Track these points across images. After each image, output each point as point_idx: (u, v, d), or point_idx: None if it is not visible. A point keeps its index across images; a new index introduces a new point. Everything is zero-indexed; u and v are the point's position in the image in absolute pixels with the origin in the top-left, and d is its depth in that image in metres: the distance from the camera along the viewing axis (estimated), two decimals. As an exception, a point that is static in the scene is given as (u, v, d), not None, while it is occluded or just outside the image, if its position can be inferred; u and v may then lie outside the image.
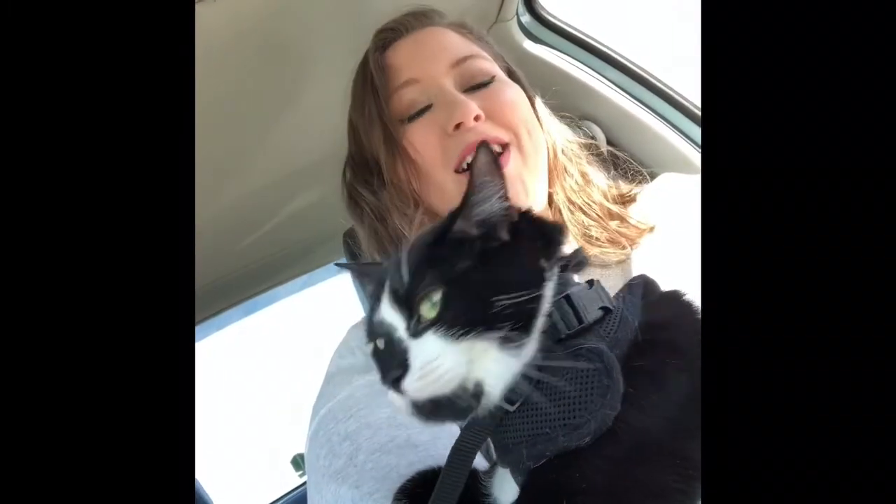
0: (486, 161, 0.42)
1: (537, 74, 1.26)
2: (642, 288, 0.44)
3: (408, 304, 0.40)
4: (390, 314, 0.42)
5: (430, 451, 0.49)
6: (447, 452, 0.49)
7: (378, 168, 0.70)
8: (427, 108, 0.68)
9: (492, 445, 0.43)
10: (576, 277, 0.44)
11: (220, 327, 1.90)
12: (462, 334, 0.38)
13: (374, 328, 0.43)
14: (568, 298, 0.41)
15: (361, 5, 0.96)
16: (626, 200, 0.75)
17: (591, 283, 0.43)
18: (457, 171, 0.66)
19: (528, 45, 1.25)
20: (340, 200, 0.81)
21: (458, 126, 0.64)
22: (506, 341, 0.39)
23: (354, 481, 0.49)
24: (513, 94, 0.71)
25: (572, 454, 0.37)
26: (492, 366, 0.39)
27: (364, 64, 0.72)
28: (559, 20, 1.25)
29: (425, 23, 0.74)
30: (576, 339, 0.40)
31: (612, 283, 0.45)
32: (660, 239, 0.69)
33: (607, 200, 0.73)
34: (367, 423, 0.53)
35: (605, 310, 0.41)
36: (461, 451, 0.41)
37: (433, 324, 0.39)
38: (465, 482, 0.41)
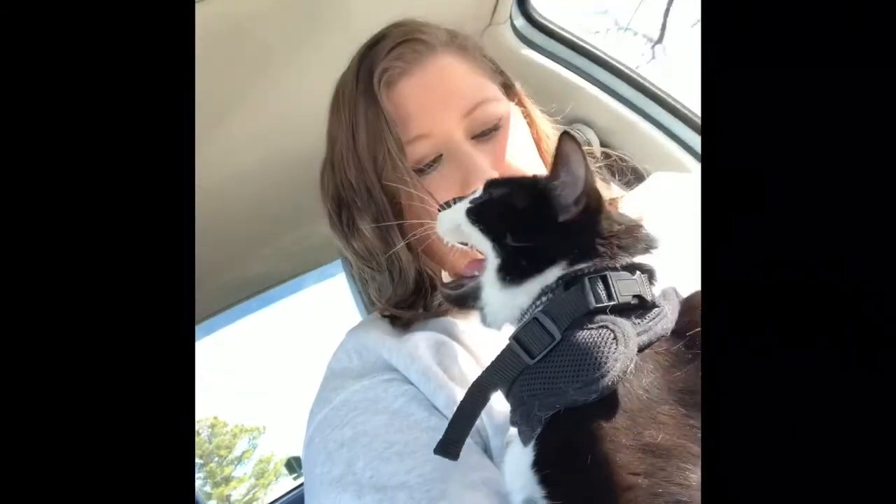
0: None
1: (530, 77, 1.26)
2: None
3: None
4: None
5: (427, 456, 0.49)
6: (445, 456, 0.49)
7: (383, 202, 0.69)
8: (437, 158, 0.68)
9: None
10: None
11: (213, 329, 1.89)
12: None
13: None
14: (604, 278, 0.44)
15: (346, 11, 0.97)
16: (613, 203, 0.76)
17: (642, 271, 0.47)
18: None
19: (522, 49, 1.25)
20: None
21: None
22: None
23: (355, 490, 0.49)
24: (519, 141, 0.71)
25: (578, 414, 0.40)
26: None
27: (371, 100, 0.68)
28: (552, 23, 1.26)
29: (425, 53, 0.69)
30: (603, 314, 0.43)
31: None
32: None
33: None
34: (363, 431, 0.53)
35: (640, 298, 0.45)
36: (481, 385, 0.45)
37: None
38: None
